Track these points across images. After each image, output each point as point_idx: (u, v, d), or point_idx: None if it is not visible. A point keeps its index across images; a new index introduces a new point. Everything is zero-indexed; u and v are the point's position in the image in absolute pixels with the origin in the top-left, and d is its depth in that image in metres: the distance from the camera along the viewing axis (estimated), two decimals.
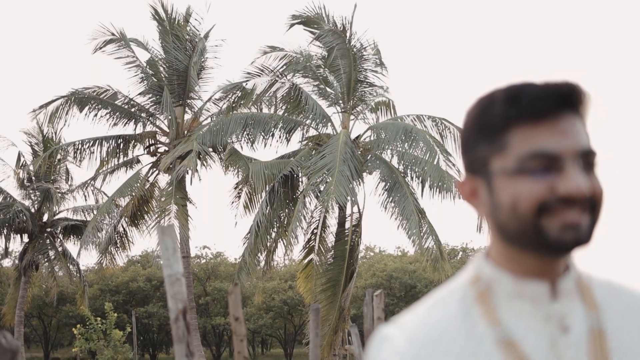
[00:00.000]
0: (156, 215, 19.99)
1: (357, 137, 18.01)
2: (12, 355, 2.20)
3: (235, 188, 19.01)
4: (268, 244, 17.66)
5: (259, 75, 18.24)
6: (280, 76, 18.20)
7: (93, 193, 24.44)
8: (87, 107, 21.38)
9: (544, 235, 0.95)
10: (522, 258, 1.00)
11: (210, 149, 20.10)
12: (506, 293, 1.00)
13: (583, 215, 0.95)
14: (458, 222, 67.24)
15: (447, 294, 1.04)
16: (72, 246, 26.46)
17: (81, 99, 21.32)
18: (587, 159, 0.97)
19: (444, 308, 1.02)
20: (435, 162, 16.06)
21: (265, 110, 18.87)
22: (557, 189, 0.94)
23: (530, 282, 1.00)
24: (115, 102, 21.71)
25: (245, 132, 18.27)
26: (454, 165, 16.31)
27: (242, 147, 19.24)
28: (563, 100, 0.97)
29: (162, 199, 19.95)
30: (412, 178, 17.09)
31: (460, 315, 1.00)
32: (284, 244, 17.69)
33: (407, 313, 1.05)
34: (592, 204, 0.96)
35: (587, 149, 0.97)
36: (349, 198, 16.05)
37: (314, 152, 17.37)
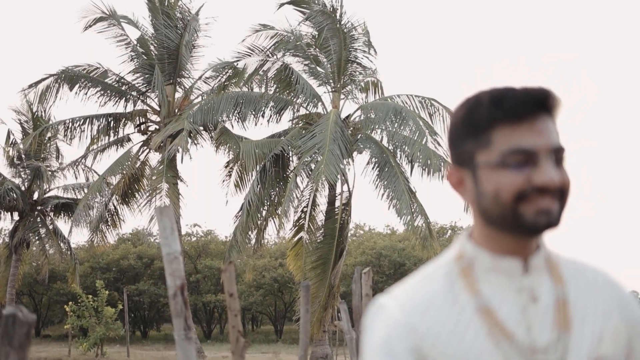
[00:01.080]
0: (147, 194, 20.05)
1: (347, 117, 18.09)
2: (28, 328, 2.33)
3: (226, 167, 19.08)
4: (259, 223, 17.79)
5: (250, 55, 18.23)
6: (270, 55, 18.20)
7: (83, 171, 24.43)
8: (77, 86, 21.30)
9: (521, 219, 1.12)
10: (499, 238, 1.17)
11: (201, 128, 20.11)
12: (485, 268, 1.18)
13: (554, 202, 1.12)
14: (447, 201, 67.61)
15: (435, 269, 1.22)
16: (62, 224, 26.55)
17: (71, 77, 21.22)
18: (558, 154, 1.14)
19: (432, 281, 1.20)
20: (423, 143, 16.18)
21: (256, 89, 18.89)
22: (533, 180, 1.11)
23: (505, 258, 1.17)
24: (106, 81, 21.62)
25: (236, 111, 18.30)
26: (441, 145, 16.45)
27: (232, 125, 19.29)
28: (539, 104, 1.13)
29: (153, 178, 19.99)
30: (401, 158, 17.23)
31: (446, 288, 1.18)
32: (274, 222, 17.84)
33: (400, 285, 1.22)
34: (561, 193, 1.13)
35: (558, 146, 1.14)
36: (339, 177, 16.17)
37: (304, 131, 17.44)
